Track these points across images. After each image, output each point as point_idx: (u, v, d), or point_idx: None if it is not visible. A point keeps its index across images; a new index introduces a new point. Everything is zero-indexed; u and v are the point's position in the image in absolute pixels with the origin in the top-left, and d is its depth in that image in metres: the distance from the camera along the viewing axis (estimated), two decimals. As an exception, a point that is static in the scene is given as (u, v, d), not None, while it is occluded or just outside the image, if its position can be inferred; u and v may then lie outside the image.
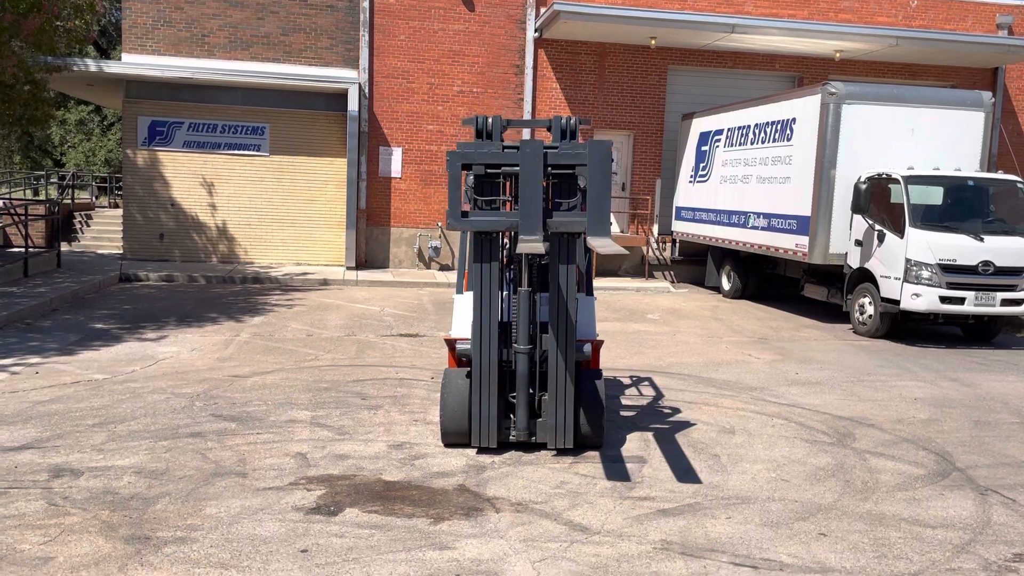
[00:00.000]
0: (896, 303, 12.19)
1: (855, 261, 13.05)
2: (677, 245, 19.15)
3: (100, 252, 19.96)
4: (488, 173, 6.26)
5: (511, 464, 6.25)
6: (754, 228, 15.32)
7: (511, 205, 6.69)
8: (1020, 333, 13.80)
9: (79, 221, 21.60)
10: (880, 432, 7.56)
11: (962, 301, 11.92)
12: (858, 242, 12.95)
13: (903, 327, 13.10)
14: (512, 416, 6.48)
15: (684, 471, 6.28)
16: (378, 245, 18.76)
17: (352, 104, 17.87)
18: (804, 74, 19.47)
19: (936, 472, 6.51)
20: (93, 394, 7.85)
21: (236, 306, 13.38)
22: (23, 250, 15.59)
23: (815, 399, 8.71)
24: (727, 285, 17.07)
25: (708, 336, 12.41)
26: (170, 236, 18.34)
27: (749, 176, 15.61)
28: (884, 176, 12.62)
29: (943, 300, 11.88)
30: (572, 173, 6.20)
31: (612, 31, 17.94)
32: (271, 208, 18.58)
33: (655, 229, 19.42)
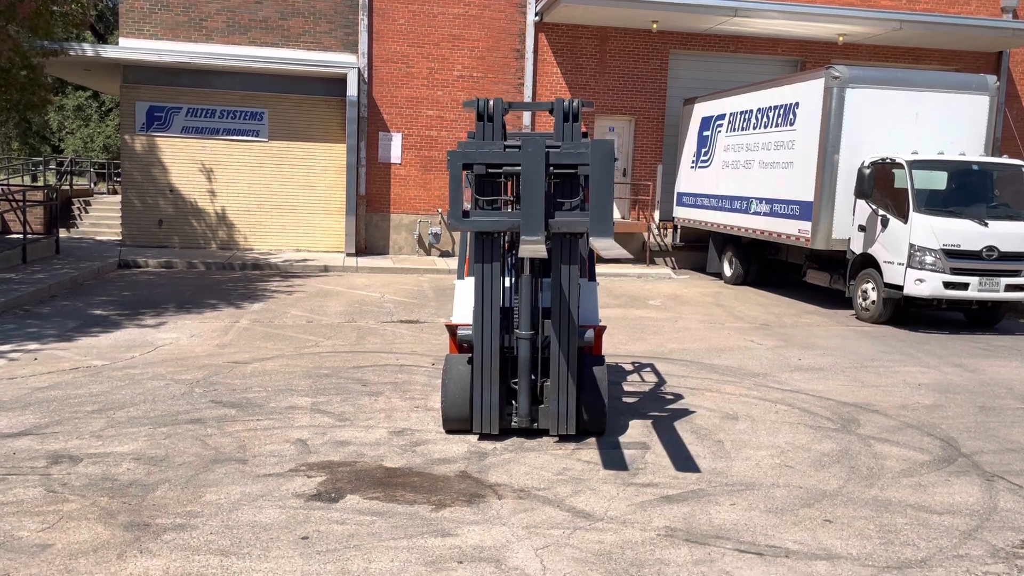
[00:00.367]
0: (899, 289, 12.12)
1: (858, 247, 12.96)
2: (678, 231, 19.10)
3: (99, 238, 19.89)
4: (489, 173, 6.19)
5: (513, 451, 6.21)
6: (756, 214, 15.23)
7: (513, 205, 6.61)
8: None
9: (77, 207, 21.51)
10: (884, 418, 7.52)
11: (966, 287, 11.85)
12: (861, 227, 12.86)
13: (906, 313, 13.04)
14: (514, 402, 6.43)
15: (687, 457, 6.23)
16: (378, 231, 18.68)
17: (351, 89, 17.75)
18: (807, 58, 19.33)
19: (941, 458, 6.46)
20: (92, 380, 7.80)
21: (235, 292, 13.32)
22: (21, 236, 15.54)
23: (818, 385, 8.67)
24: (729, 271, 17.00)
25: (710, 322, 12.35)
26: (169, 222, 18.26)
27: (751, 161, 15.51)
28: (888, 161, 12.51)
29: (947, 286, 11.82)
30: (574, 172, 6.13)
31: (613, 15, 17.79)
32: (270, 194, 18.49)
33: (656, 215, 19.34)
